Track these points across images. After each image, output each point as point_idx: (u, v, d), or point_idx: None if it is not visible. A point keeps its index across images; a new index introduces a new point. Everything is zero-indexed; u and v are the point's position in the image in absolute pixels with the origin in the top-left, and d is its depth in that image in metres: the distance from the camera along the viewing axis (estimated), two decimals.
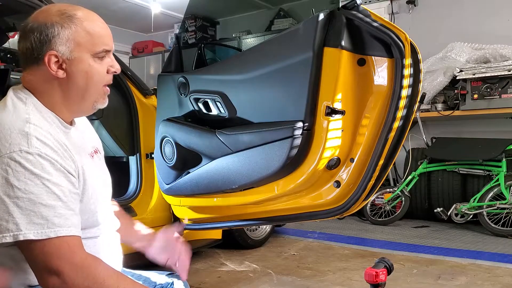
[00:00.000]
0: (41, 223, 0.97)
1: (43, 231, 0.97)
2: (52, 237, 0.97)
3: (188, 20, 6.45)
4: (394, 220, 4.47)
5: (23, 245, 0.98)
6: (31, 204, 0.97)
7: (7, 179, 0.97)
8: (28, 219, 0.96)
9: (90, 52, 1.10)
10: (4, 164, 0.97)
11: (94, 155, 1.24)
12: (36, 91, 1.11)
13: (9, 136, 1.00)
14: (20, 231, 0.96)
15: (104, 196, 1.23)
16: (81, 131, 1.23)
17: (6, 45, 3.57)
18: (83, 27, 1.09)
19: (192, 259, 1.25)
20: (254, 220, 2.15)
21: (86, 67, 1.10)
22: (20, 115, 1.05)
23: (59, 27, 1.07)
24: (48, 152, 1.01)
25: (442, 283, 2.70)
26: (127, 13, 6.67)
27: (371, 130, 1.72)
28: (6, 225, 0.96)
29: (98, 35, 1.11)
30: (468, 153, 4.31)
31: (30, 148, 0.99)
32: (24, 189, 0.97)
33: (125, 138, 2.67)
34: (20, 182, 0.97)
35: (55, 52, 1.07)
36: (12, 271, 1.07)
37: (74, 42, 1.08)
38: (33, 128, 1.03)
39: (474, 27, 4.83)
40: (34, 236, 0.96)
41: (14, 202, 0.96)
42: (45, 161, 1.00)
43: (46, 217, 0.98)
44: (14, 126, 1.02)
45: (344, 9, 1.70)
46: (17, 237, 0.96)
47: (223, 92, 2.02)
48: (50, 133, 1.05)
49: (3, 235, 0.96)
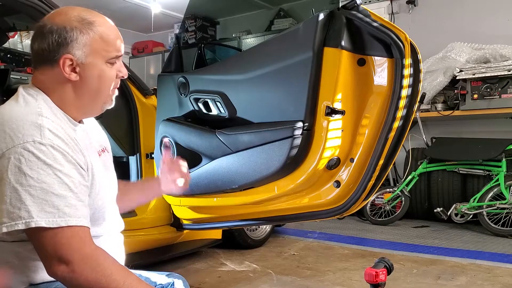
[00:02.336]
0: (53, 212, 0.99)
1: (54, 220, 0.99)
2: (63, 226, 0.99)
3: (188, 20, 6.45)
4: (394, 220, 4.47)
5: (33, 233, 1.00)
6: (43, 193, 0.99)
7: (20, 168, 0.99)
8: (40, 207, 0.98)
9: (103, 58, 1.13)
10: (18, 154, 0.99)
11: (102, 153, 1.26)
12: (46, 90, 1.13)
13: (22, 127, 1.02)
14: (32, 219, 0.97)
15: (110, 195, 1.25)
16: (88, 130, 1.25)
17: (6, 45, 3.57)
18: (100, 34, 1.12)
19: (192, 259, 1.26)
20: (254, 220, 2.15)
21: (99, 72, 1.13)
22: (32, 109, 1.07)
23: (78, 32, 1.10)
24: (60, 144, 1.04)
25: (442, 283, 2.70)
26: (127, 13, 6.67)
27: (371, 130, 1.72)
28: (19, 213, 0.97)
29: (112, 42, 1.14)
30: (468, 153, 4.31)
31: (43, 139, 1.02)
32: (36, 178, 0.99)
33: (125, 138, 2.67)
34: (32, 171, 0.99)
35: (71, 56, 1.10)
36: (15, 268, 1.07)
37: (90, 48, 1.11)
38: (46, 120, 1.05)
39: (474, 27, 4.83)
40: (46, 224, 0.98)
41: (26, 191, 0.98)
42: (57, 152, 1.03)
43: (57, 206, 1.00)
44: (27, 118, 1.04)
45: (344, 9, 1.70)
46: (29, 224, 0.97)
47: (223, 92, 2.02)
48: (61, 126, 1.08)
49: (15, 222, 0.97)
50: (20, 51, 4.06)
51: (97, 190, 1.14)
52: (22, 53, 4.00)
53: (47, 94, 1.13)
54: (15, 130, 1.02)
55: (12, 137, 1.01)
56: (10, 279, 1.07)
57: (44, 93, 1.12)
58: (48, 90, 1.13)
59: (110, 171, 1.29)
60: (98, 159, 1.21)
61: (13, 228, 0.98)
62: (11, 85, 3.06)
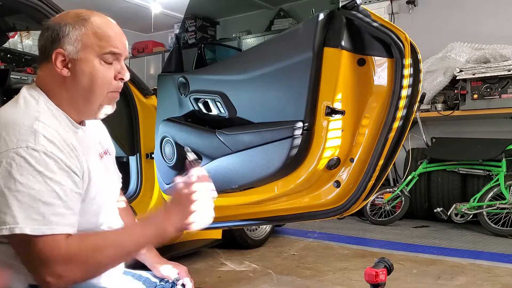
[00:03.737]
0: (38, 220, 0.98)
1: (39, 228, 0.97)
2: (47, 234, 0.98)
3: (188, 20, 6.45)
4: (394, 220, 4.47)
5: (17, 239, 0.99)
6: (31, 199, 0.98)
7: (10, 173, 0.98)
8: (26, 213, 0.97)
9: (95, 54, 1.12)
10: (10, 158, 0.99)
11: (104, 156, 1.25)
12: (46, 89, 1.13)
13: (18, 132, 1.02)
14: (17, 225, 0.96)
15: (108, 198, 1.24)
16: (91, 131, 1.24)
17: (6, 45, 3.57)
18: (93, 29, 1.11)
19: (192, 259, 1.25)
20: (254, 220, 2.15)
21: (91, 68, 1.11)
22: (30, 112, 1.07)
23: (70, 28, 1.10)
24: (54, 150, 1.03)
25: (442, 283, 2.70)
26: (127, 13, 6.67)
27: (371, 130, 1.72)
28: (4, 218, 0.97)
29: (106, 38, 1.12)
30: (468, 153, 4.31)
31: (36, 145, 1.01)
32: (26, 184, 0.98)
33: (125, 138, 2.67)
34: (22, 177, 0.98)
35: (62, 50, 1.10)
36: (14, 269, 1.07)
37: (82, 43, 1.10)
38: (42, 126, 1.04)
39: (474, 27, 4.83)
40: (30, 231, 0.97)
41: (14, 196, 0.97)
42: (50, 159, 1.02)
43: (43, 214, 0.98)
44: (24, 122, 1.04)
45: (344, 9, 1.70)
46: (13, 230, 0.96)
47: (223, 92, 2.02)
48: (58, 132, 1.07)
49: (0, 228, 0.97)
50: (20, 51, 4.06)
51: (93, 195, 1.13)
52: (22, 53, 4.01)
53: (48, 94, 1.12)
54: (10, 134, 1.01)
55: (6, 141, 1.00)
56: (9, 279, 1.07)
57: (46, 94, 1.12)
58: (47, 88, 1.13)
59: (111, 174, 1.28)
60: (99, 162, 1.20)
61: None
62: (11, 85, 3.06)
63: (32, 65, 3.71)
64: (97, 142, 1.26)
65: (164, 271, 1.39)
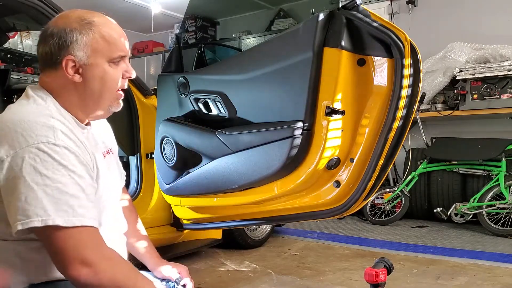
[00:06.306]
0: (68, 211, 1.00)
1: (69, 219, 0.99)
2: (78, 225, 1.00)
3: (188, 20, 6.45)
4: (394, 220, 4.47)
5: (48, 232, 0.99)
6: (59, 192, 1.00)
7: (35, 168, 0.99)
8: (56, 206, 0.99)
9: (106, 58, 1.13)
10: (32, 154, 1.00)
11: (107, 155, 1.27)
12: (53, 92, 1.14)
13: (35, 128, 1.03)
14: (49, 216, 0.98)
15: (112, 196, 1.25)
16: (95, 130, 1.25)
17: (6, 45, 3.57)
18: (101, 34, 1.12)
19: (192, 259, 1.25)
20: (254, 220, 2.15)
21: (102, 72, 1.13)
22: (43, 110, 1.08)
23: (78, 33, 1.10)
24: (72, 145, 1.05)
25: (442, 283, 2.71)
26: (127, 13, 6.67)
27: (371, 130, 1.72)
28: (34, 210, 0.98)
29: (114, 42, 1.14)
30: (468, 153, 4.31)
31: (56, 140, 1.03)
32: (52, 177, 1.00)
33: (125, 138, 2.67)
34: (48, 171, 1.00)
35: (73, 57, 1.10)
36: (15, 268, 1.07)
37: (92, 48, 1.11)
38: (57, 123, 1.06)
39: (474, 27, 4.83)
40: (62, 222, 0.98)
41: (42, 190, 0.99)
42: (71, 153, 1.04)
43: (72, 206, 1.00)
44: (39, 119, 1.05)
45: (344, 9, 1.70)
46: (46, 222, 0.97)
47: (223, 92, 2.03)
48: (70, 129, 1.10)
49: (31, 220, 0.97)
50: (20, 51, 4.06)
51: (101, 192, 1.15)
52: (22, 53, 4.00)
53: (54, 96, 1.13)
54: (27, 130, 1.02)
55: (25, 137, 1.01)
56: (9, 279, 1.07)
57: (52, 96, 1.13)
58: (54, 92, 1.13)
59: (113, 172, 1.30)
60: (103, 160, 1.22)
61: (28, 225, 0.97)
62: (11, 85, 3.06)
63: (32, 65, 3.71)
64: (101, 142, 1.27)
65: (165, 272, 1.39)
